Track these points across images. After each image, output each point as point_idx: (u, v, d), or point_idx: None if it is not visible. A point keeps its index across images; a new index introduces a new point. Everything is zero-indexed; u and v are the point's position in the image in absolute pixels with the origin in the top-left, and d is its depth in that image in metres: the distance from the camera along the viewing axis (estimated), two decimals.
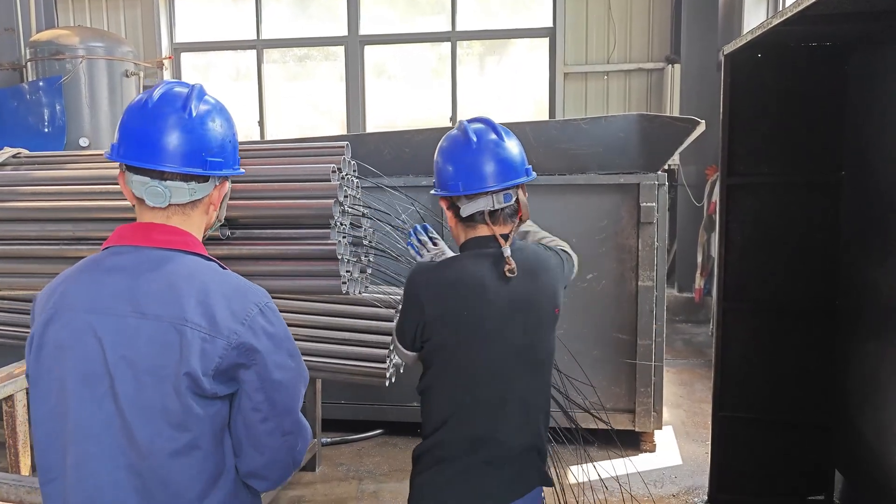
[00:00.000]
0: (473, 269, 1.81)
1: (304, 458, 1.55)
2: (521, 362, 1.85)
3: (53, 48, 7.06)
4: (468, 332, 1.80)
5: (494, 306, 1.79)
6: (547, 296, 1.89)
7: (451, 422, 1.82)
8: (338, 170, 2.54)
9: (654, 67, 7.83)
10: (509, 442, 1.85)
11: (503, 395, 1.83)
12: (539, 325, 1.87)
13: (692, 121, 3.90)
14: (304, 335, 3.48)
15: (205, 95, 1.54)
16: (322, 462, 4.08)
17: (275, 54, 8.92)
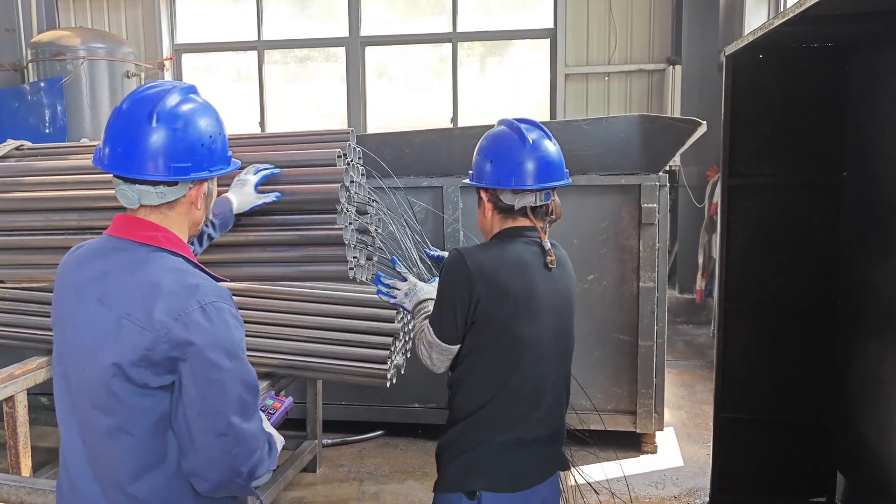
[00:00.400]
0: (520, 249, 1.93)
1: (261, 470, 1.54)
2: (557, 347, 1.98)
3: (55, 49, 7.07)
4: (518, 309, 1.88)
5: (540, 289, 1.91)
6: (572, 290, 2.06)
7: (496, 400, 1.90)
8: (343, 155, 2.53)
9: (655, 68, 7.82)
10: (542, 424, 1.97)
11: (542, 377, 1.94)
12: (569, 315, 2.03)
13: (693, 122, 3.89)
14: (305, 336, 3.48)
15: (178, 99, 1.56)
16: (323, 463, 4.07)
17: (276, 55, 8.93)
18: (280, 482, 3.60)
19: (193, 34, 8.93)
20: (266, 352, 3.49)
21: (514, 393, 1.90)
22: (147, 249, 1.52)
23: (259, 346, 3.50)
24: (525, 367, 1.90)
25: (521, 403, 1.91)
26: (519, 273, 1.90)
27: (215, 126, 1.61)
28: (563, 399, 2.06)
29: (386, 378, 3.37)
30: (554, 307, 1.96)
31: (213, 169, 1.59)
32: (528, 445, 1.94)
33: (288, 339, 3.48)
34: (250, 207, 2.34)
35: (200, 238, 2.25)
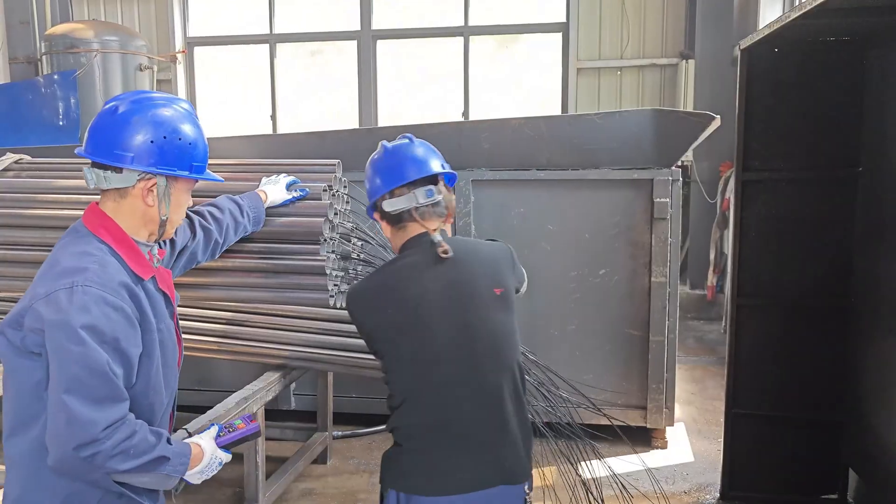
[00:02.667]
0: (407, 262, 1.96)
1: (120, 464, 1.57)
2: (474, 344, 1.90)
3: (68, 42, 7.11)
4: (409, 319, 1.90)
5: (431, 290, 1.90)
6: (486, 276, 1.95)
7: (404, 408, 1.91)
8: (328, 188, 2.64)
9: (667, 63, 7.78)
10: (466, 428, 1.89)
11: (451, 379, 1.89)
12: (480, 306, 1.92)
13: (707, 116, 3.87)
14: (317, 328, 3.49)
15: (154, 101, 1.70)
16: (333, 455, 4.09)
17: (287, 49, 8.94)
18: (291, 473, 3.62)
19: (206, 27, 8.95)
20: (278, 343, 3.51)
21: (419, 398, 1.90)
22: (85, 232, 1.68)
23: (271, 337, 3.52)
24: (426, 372, 1.89)
25: (428, 410, 1.90)
26: (407, 284, 1.92)
27: (178, 132, 1.69)
28: (503, 400, 1.93)
29: None
30: (455, 301, 1.90)
31: (161, 167, 1.67)
32: (447, 451, 1.88)
33: (300, 332, 3.50)
34: (282, 202, 2.57)
35: (237, 229, 2.42)
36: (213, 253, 2.33)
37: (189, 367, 4.47)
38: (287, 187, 2.61)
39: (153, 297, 1.74)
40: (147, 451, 1.60)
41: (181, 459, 1.68)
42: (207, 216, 2.31)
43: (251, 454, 3.20)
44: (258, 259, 2.64)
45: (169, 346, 1.78)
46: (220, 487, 3.77)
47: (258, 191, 2.57)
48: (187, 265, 2.24)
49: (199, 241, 2.23)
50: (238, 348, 3.57)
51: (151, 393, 1.71)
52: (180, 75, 8.77)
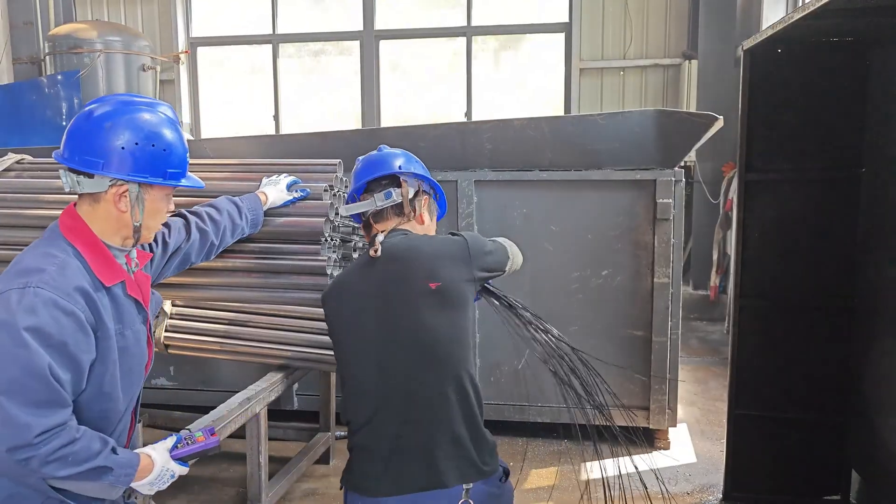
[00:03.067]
0: (356, 261, 2.10)
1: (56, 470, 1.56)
2: (398, 348, 1.88)
3: (71, 42, 7.12)
4: (345, 317, 1.97)
5: (364, 290, 1.94)
6: (420, 273, 1.89)
7: (344, 404, 1.99)
8: (330, 188, 2.63)
9: (670, 63, 7.78)
10: (395, 431, 1.87)
11: (379, 380, 1.89)
12: (413, 308, 1.88)
13: (710, 116, 3.86)
14: (319, 328, 3.49)
15: (130, 107, 1.69)
16: (336, 455, 4.09)
17: (290, 49, 8.95)
18: (293, 473, 3.62)
19: (209, 28, 8.96)
20: (280, 344, 3.51)
21: (353, 399, 1.95)
22: (57, 234, 1.69)
23: (273, 338, 3.53)
24: (349, 371, 1.95)
25: (361, 410, 1.92)
26: (341, 288, 2.01)
27: (151, 138, 1.68)
28: (437, 402, 1.87)
29: None
30: (381, 301, 1.90)
31: (133, 175, 1.67)
32: (374, 452, 1.88)
33: (302, 332, 3.50)
34: (283, 203, 2.56)
35: (234, 231, 2.41)
36: (207, 254, 2.33)
37: (192, 368, 4.53)
38: (288, 188, 2.60)
39: (119, 303, 1.72)
40: (88, 459, 1.59)
41: (126, 470, 1.66)
42: (205, 217, 2.30)
43: (254, 454, 3.20)
44: (258, 259, 2.63)
45: (134, 353, 1.77)
46: (223, 488, 3.77)
47: (258, 192, 2.55)
48: (181, 266, 2.24)
49: (193, 242, 2.22)
50: (240, 348, 3.57)
51: (104, 399, 1.69)
52: (183, 76, 8.78)
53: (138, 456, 1.72)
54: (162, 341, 3.64)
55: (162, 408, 4.40)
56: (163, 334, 3.64)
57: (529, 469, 3.90)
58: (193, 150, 1.92)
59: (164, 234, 2.11)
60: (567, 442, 4.17)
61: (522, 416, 4.22)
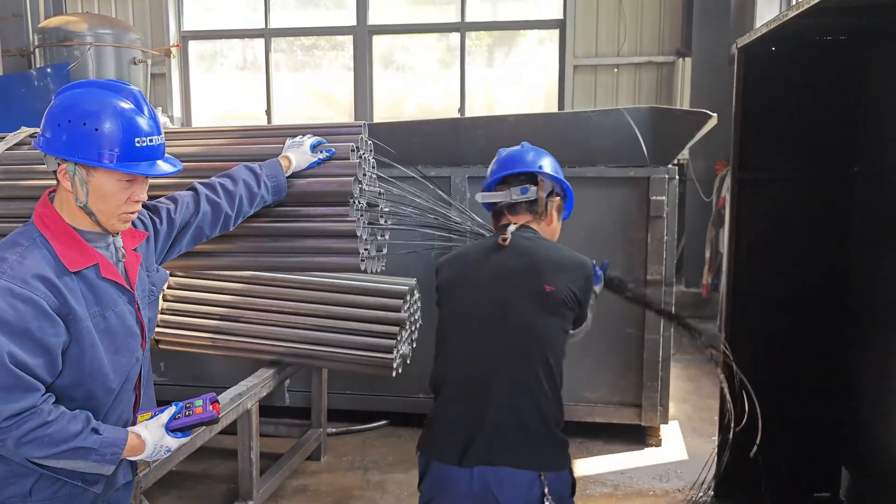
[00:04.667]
0: (481, 241, 2.27)
1: (30, 450, 1.62)
2: (498, 326, 2.03)
3: (61, 35, 7.05)
4: (459, 284, 2.14)
5: (484, 268, 2.11)
6: (539, 273, 2.06)
7: (436, 362, 2.13)
8: (356, 149, 2.53)
9: (664, 61, 7.77)
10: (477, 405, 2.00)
11: (474, 352, 2.04)
12: (521, 297, 2.04)
13: (704, 114, 3.87)
14: (312, 324, 3.48)
15: (87, 87, 1.72)
16: (327, 452, 4.08)
17: (282, 43, 8.90)
18: (285, 470, 3.61)
19: (200, 21, 8.90)
20: (272, 339, 3.50)
21: (445, 366, 2.09)
22: (31, 222, 1.74)
23: (265, 333, 3.51)
24: (451, 343, 2.10)
25: (449, 375, 2.07)
26: (470, 255, 2.19)
27: (86, 118, 1.67)
28: (520, 390, 2.01)
29: (392, 367, 3.38)
30: (499, 285, 2.06)
31: (66, 154, 1.67)
32: (459, 423, 2.01)
33: (294, 328, 3.49)
34: (307, 165, 2.45)
35: (252, 201, 2.31)
36: (225, 226, 2.26)
37: (182, 364, 4.50)
38: (311, 149, 2.45)
39: (94, 286, 1.73)
40: (65, 440, 1.63)
41: (112, 450, 1.70)
42: (218, 189, 2.23)
43: (245, 450, 3.19)
44: (285, 222, 2.49)
45: (119, 333, 1.78)
46: (215, 484, 3.76)
47: (281, 157, 2.42)
48: (196, 240, 2.19)
49: (204, 215, 2.16)
50: (232, 344, 3.56)
51: (88, 380, 1.72)
52: (174, 70, 8.73)
53: (126, 435, 1.74)
54: (153, 337, 3.62)
55: None
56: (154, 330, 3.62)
57: None
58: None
59: (170, 210, 2.07)
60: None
61: None
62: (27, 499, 1.71)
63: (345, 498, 3.63)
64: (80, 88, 1.73)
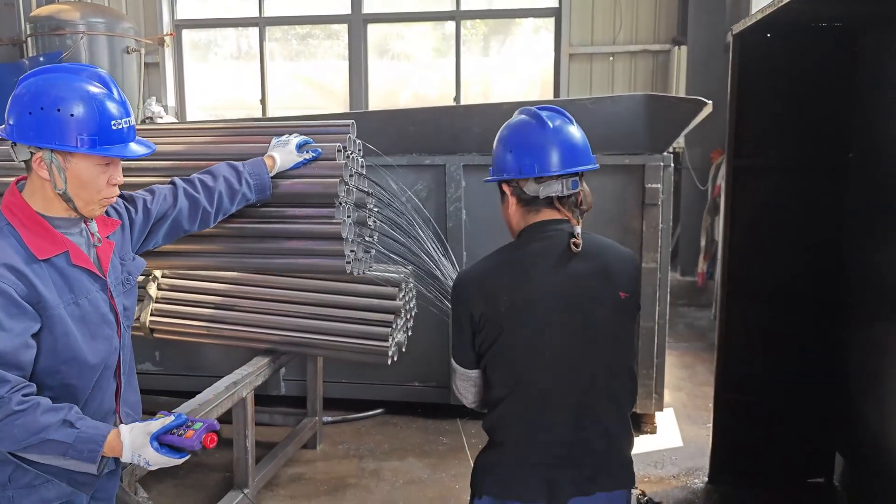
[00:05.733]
0: (532, 249, 1.82)
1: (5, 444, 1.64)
2: (582, 345, 1.78)
3: (54, 23, 6.99)
4: (524, 308, 1.77)
5: (554, 282, 1.77)
6: (614, 277, 1.81)
7: (507, 403, 1.80)
8: (343, 149, 2.52)
9: (660, 49, 7.75)
10: (554, 438, 1.77)
11: (559, 378, 1.78)
12: (603, 307, 1.79)
13: (699, 101, 3.86)
14: (306, 312, 3.48)
15: (53, 72, 1.70)
16: (323, 440, 4.09)
17: (277, 32, 8.84)
18: (280, 458, 3.62)
19: (194, 10, 8.83)
20: (267, 328, 3.49)
21: (527, 395, 1.79)
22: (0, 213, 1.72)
23: (260, 322, 3.50)
24: (532, 369, 1.78)
25: (524, 409, 1.79)
26: (524, 269, 1.79)
27: (58, 103, 1.65)
28: (606, 404, 1.81)
29: (387, 355, 3.38)
30: (578, 297, 1.77)
31: (42, 142, 1.65)
32: (531, 460, 1.79)
33: (289, 316, 3.48)
34: (293, 165, 2.43)
35: (233, 198, 2.30)
36: (204, 222, 2.25)
37: (177, 353, 4.49)
38: (297, 148, 2.44)
39: (65, 273, 1.72)
40: (36, 432, 1.60)
41: (89, 446, 1.64)
42: (196, 184, 2.23)
43: (240, 439, 3.19)
44: (269, 223, 2.49)
45: (94, 321, 1.78)
46: (210, 472, 3.76)
47: (266, 156, 2.40)
48: (173, 233, 2.18)
49: (181, 209, 2.16)
50: (227, 332, 3.55)
51: (63, 368, 1.71)
52: (168, 59, 8.67)
53: (107, 433, 1.68)
54: (147, 325, 3.61)
55: (147, 393, 4.37)
56: (148, 318, 3.61)
57: None
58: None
59: (147, 201, 2.08)
60: None
61: None
62: (6, 486, 1.71)
63: (340, 486, 3.63)
64: (46, 74, 1.70)
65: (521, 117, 1.92)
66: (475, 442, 4.04)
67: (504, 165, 1.87)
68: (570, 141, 1.83)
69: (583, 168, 1.83)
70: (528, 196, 1.83)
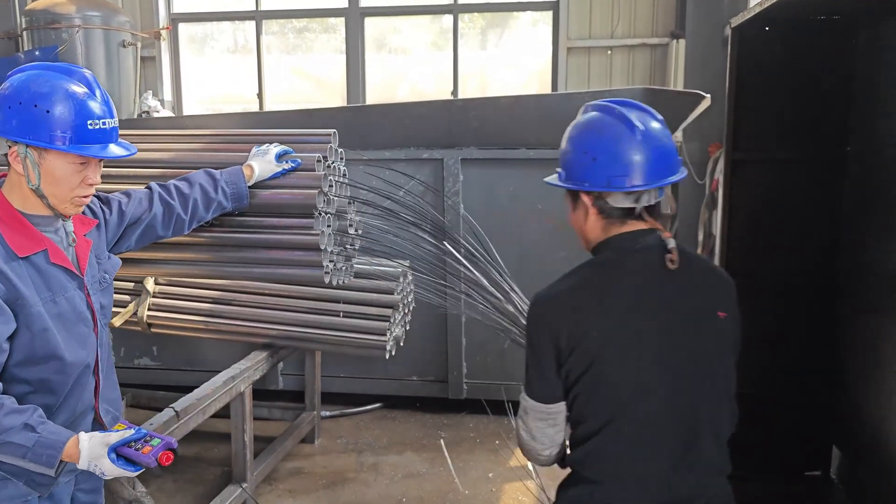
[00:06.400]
0: (621, 265, 1.64)
1: None
2: (679, 371, 1.61)
3: (49, 17, 6.96)
4: (621, 332, 1.59)
5: (652, 302, 1.61)
6: (711, 295, 1.67)
7: (602, 436, 1.61)
8: (323, 159, 2.55)
9: (658, 43, 7.73)
10: (665, 472, 1.61)
11: (660, 408, 1.61)
12: (701, 329, 1.64)
13: (697, 95, 3.85)
14: (305, 307, 3.48)
15: (32, 71, 1.72)
16: (321, 434, 4.09)
17: (274, 26, 8.81)
18: (279, 452, 3.62)
19: (190, 3, 8.80)
20: (265, 322, 3.49)
21: (624, 430, 1.60)
22: None
23: (258, 316, 3.50)
24: (632, 399, 1.60)
25: (623, 448, 1.61)
26: (615, 289, 1.62)
27: (36, 99, 1.67)
28: (713, 440, 1.66)
29: (385, 349, 3.38)
30: (673, 324, 1.61)
31: (16, 136, 1.67)
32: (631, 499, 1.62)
33: (287, 310, 3.48)
34: (271, 175, 2.45)
35: (209, 206, 2.32)
36: (178, 229, 2.26)
37: (175, 347, 4.49)
38: (277, 158, 2.47)
39: (43, 271, 1.73)
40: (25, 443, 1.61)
41: (48, 452, 1.64)
42: (173, 190, 2.25)
43: (238, 433, 3.19)
44: (247, 233, 2.53)
45: (71, 319, 1.78)
46: (208, 467, 3.77)
47: (245, 165, 2.44)
48: (146, 237, 2.19)
49: (156, 214, 2.18)
50: (225, 327, 3.55)
51: (41, 364, 1.73)
52: (165, 52, 8.64)
53: (66, 440, 1.68)
54: (145, 320, 3.61)
55: (145, 388, 4.37)
56: (146, 313, 3.61)
57: (515, 447, 3.92)
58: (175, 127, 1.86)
59: (121, 203, 2.09)
60: None
61: (508, 395, 4.22)
62: None
63: (339, 480, 3.64)
64: (31, 71, 1.72)
65: (600, 116, 1.71)
66: (473, 436, 4.05)
67: (584, 173, 1.66)
68: (662, 147, 1.64)
69: (676, 179, 1.65)
70: (613, 209, 1.64)
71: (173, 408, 2.68)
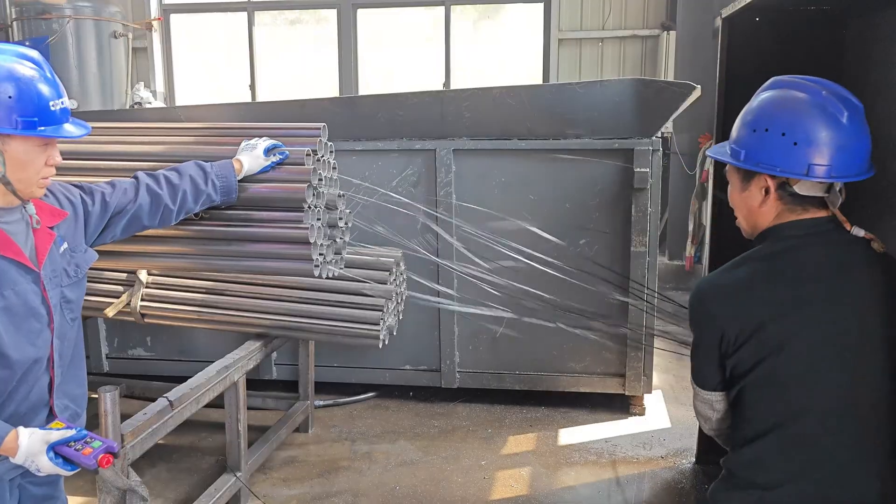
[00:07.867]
0: (799, 257, 1.54)
1: None
2: (863, 374, 1.51)
3: (40, 7, 6.92)
4: (791, 333, 1.50)
5: (827, 301, 1.50)
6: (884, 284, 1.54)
7: (769, 439, 1.54)
8: (313, 152, 2.56)
9: (649, 34, 7.76)
10: (843, 483, 1.52)
11: (838, 412, 1.51)
12: (888, 330, 1.52)
13: (688, 85, 3.88)
14: (298, 297, 3.49)
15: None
16: (315, 424, 4.11)
17: (266, 17, 8.78)
18: (273, 442, 3.64)
19: None
20: (259, 312, 3.50)
21: (783, 441, 1.53)
22: None
23: (252, 306, 3.52)
24: (795, 407, 1.51)
25: (797, 454, 1.53)
26: (791, 284, 1.51)
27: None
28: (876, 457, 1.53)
29: (378, 339, 3.40)
30: (858, 323, 1.50)
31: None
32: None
33: (281, 300, 3.49)
34: (260, 169, 2.46)
35: (198, 198, 2.31)
36: (165, 219, 2.25)
37: (168, 338, 4.50)
38: (266, 152, 2.48)
39: None
40: None
41: None
42: (161, 180, 2.23)
43: (233, 422, 3.21)
44: (236, 227, 2.55)
45: (20, 313, 1.76)
46: (203, 456, 3.78)
47: (234, 159, 2.44)
48: (131, 228, 2.17)
49: (142, 205, 2.16)
50: (218, 317, 3.56)
51: None
52: (157, 44, 8.60)
53: (4, 434, 1.68)
54: (138, 311, 3.61)
55: (139, 378, 4.38)
56: (139, 303, 3.61)
57: (507, 436, 3.95)
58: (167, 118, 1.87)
59: (105, 194, 2.07)
60: (544, 409, 4.24)
61: (500, 384, 4.27)
62: None
63: (332, 468, 3.66)
64: None
65: (806, 98, 1.59)
66: (466, 424, 4.08)
67: (777, 157, 1.52)
68: (865, 141, 1.54)
69: (871, 174, 1.56)
70: (798, 194, 1.54)
71: (167, 398, 2.69)
